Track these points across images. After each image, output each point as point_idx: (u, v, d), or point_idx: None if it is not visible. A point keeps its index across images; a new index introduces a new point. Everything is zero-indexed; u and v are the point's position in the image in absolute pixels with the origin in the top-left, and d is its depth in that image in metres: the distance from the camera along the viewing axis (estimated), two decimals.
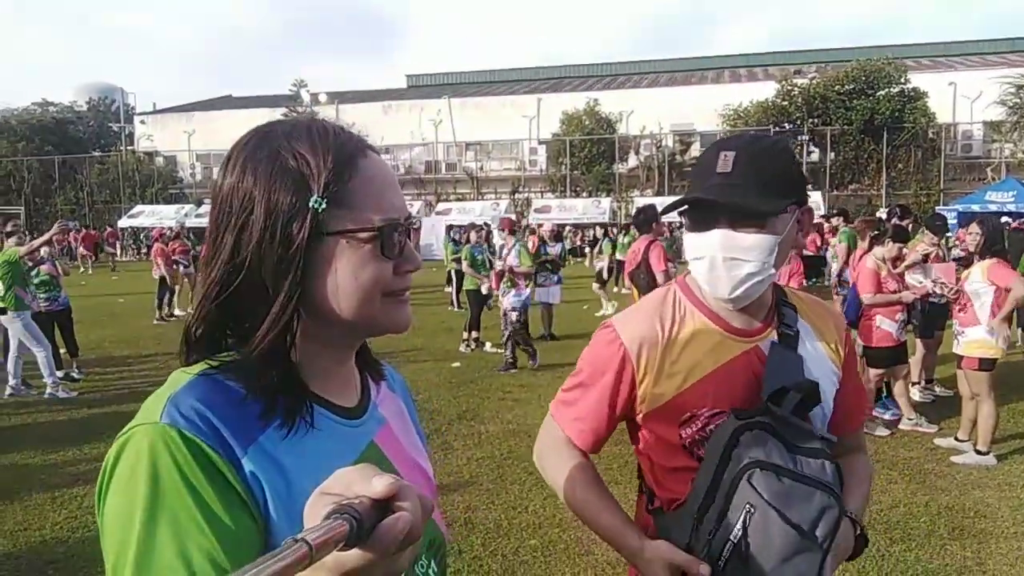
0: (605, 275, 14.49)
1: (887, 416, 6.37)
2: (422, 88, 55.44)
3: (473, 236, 11.34)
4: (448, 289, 14.71)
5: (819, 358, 1.42)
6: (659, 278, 6.18)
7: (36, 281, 8.38)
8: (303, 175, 0.82)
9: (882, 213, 15.38)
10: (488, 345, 10.09)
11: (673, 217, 1.52)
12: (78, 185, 41.46)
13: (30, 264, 8.22)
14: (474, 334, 10.16)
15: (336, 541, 0.51)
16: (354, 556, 0.54)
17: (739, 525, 1.20)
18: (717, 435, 1.28)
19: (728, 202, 1.28)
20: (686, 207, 1.35)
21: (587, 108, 39.34)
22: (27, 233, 8.73)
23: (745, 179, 1.27)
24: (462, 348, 9.94)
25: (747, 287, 1.31)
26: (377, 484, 0.55)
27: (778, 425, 1.26)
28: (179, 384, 0.79)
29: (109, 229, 33.68)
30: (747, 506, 1.20)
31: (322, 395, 0.88)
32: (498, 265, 9.43)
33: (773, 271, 1.32)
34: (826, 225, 13.29)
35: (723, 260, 1.30)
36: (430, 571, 0.94)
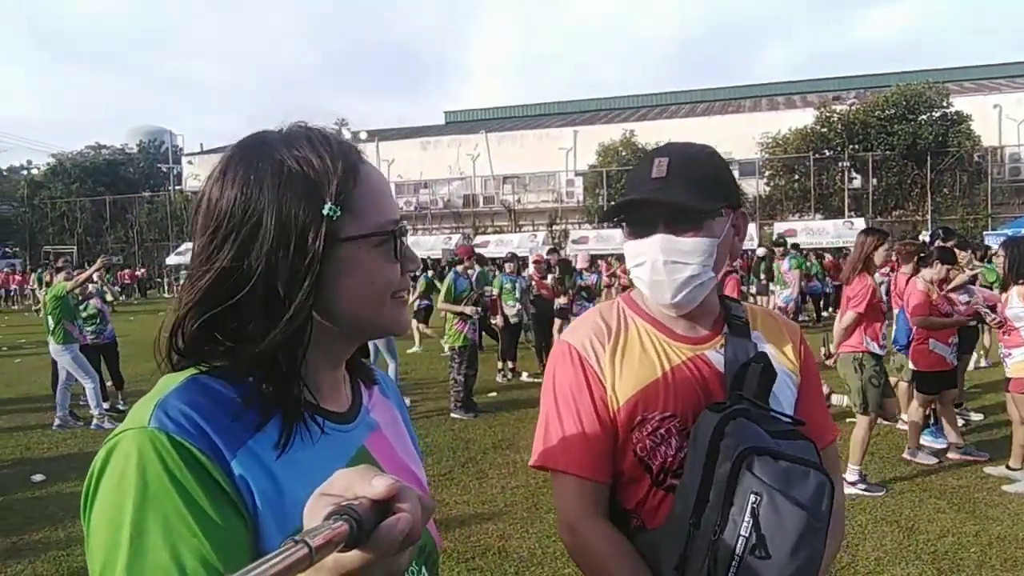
0: None
1: (937, 444, 6.17)
2: (460, 124, 56.23)
3: (507, 267, 11.41)
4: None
5: (776, 367, 1.37)
6: None
7: (84, 315, 8.64)
8: (313, 183, 0.82)
9: (925, 236, 15.07)
10: (525, 375, 10.07)
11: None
12: (128, 224, 42.76)
13: (79, 298, 8.50)
14: (509, 364, 10.16)
15: (336, 542, 0.51)
16: (354, 557, 0.54)
17: (747, 517, 1.15)
18: (698, 430, 1.25)
19: (665, 200, 1.29)
20: (624, 216, 1.37)
21: (623, 139, 39.47)
22: (75, 270, 9.06)
23: (679, 182, 1.29)
24: (498, 378, 9.94)
25: (689, 291, 1.32)
26: (377, 485, 0.55)
27: (754, 413, 1.24)
28: (168, 388, 0.79)
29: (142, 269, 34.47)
30: (752, 495, 1.16)
31: (315, 400, 0.87)
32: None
33: (713, 274, 1.34)
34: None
35: (664, 264, 1.31)
36: None
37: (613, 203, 1.40)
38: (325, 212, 0.81)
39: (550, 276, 10.58)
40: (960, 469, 5.74)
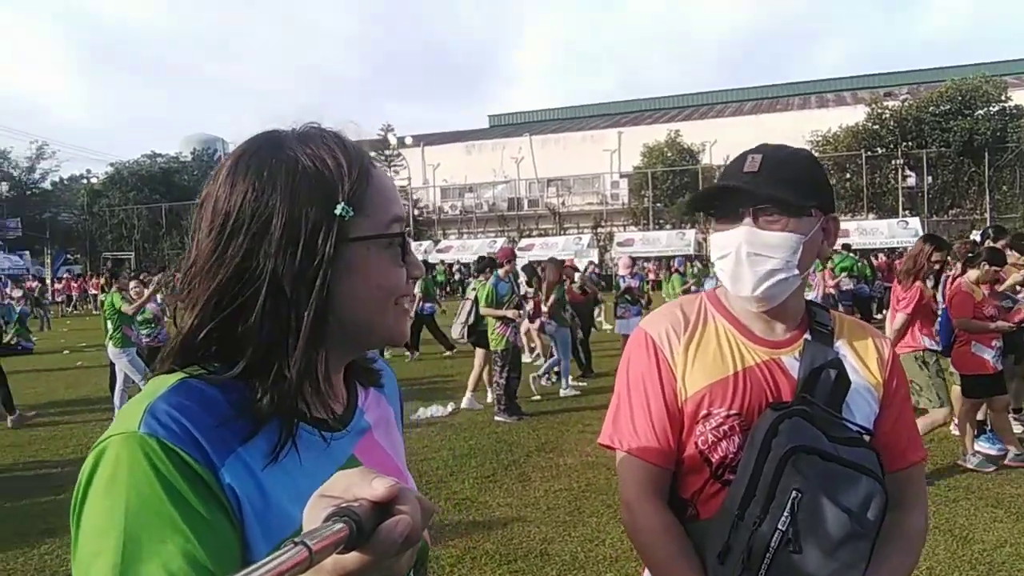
0: None
1: (993, 450, 5.98)
2: (504, 127, 56.41)
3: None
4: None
5: (856, 379, 1.38)
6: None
7: (140, 319, 8.93)
8: (327, 182, 0.81)
9: (976, 235, 14.61)
10: (570, 378, 10.04)
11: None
12: (183, 231, 43.93)
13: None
14: (555, 368, 10.14)
15: (336, 544, 0.51)
16: (354, 559, 0.54)
17: (786, 512, 1.18)
18: (756, 428, 1.28)
19: (754, 191, 1.30)
20: (712, 207, 1.40)
21: (669, 139, 39.11)
22: (132, 275, 9.46)
23: (770, 177, 1.30)
24: (543, 381, 9.93)
25: (770, 284, 1.32)
26: (378, 487, 0.55)
27: (815, 416, 1.26)
28: (158, 391, 0.77)
29: None
30: (794, 491, 1.18)
31: (312, 409, 0.85)
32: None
33: (797, 272, 1.33)
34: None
35: (747, 255, 1.31)
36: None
37: (699, 192, 1.43)
38: (338, 212, 0.80)
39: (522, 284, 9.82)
40: (1018, 477, 5.55)
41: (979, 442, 5.95)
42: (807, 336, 1.39)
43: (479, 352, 8.96)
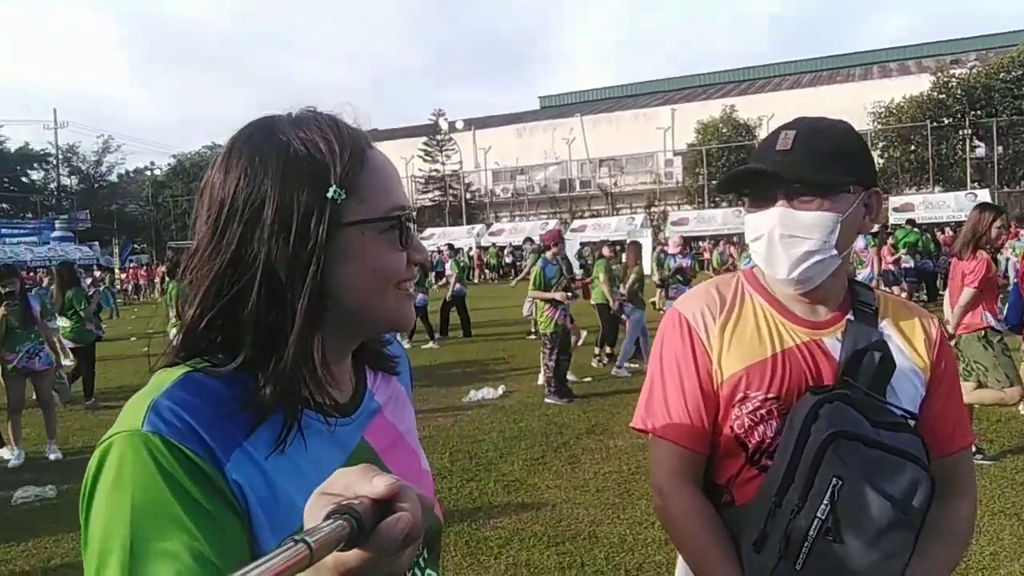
0: None
1: None
2: (555, 108, 56.07)
3: (606, 251, 11.33)
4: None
5: (901, 361, 1.31)
6: None
7: None
8: (318, 166, 0.80)
9: None
10: (627, 361, 9.99)
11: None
12: None
13: None
14: (607, 349, 10.10)
15: (336, 541, 0.51)
16: (354, 556, 0.54)
17: (826, 500, 1.14)
18: (795, 412, 1.24)
19: (784, 174, 1.24)
20: (745, 188, 1.34)
21: (724, 115, 38.30)
22: None
23: (804, 155, 1.24)
24: (594, 363, 9.90)
25: (806, 266, 1.26)
26: (378, 484, 0.55)
27: (857, 400, 1.21)
28: (161, 387, 0.76)
29: None
30: (834, 479, 1.14)
31: (316, 396, 0.83)
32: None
33: (835, 252, 1.26)
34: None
35: (780, 237, 1.26)
36: (421, 558, 0.93)
37: (727, 176, 1.34)
38: (329, 195, 0.79)
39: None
40: None
41: None
42: (850, 316, 1.34)
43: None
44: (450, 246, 18.48)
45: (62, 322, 9.27)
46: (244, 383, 0.79)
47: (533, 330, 12.81)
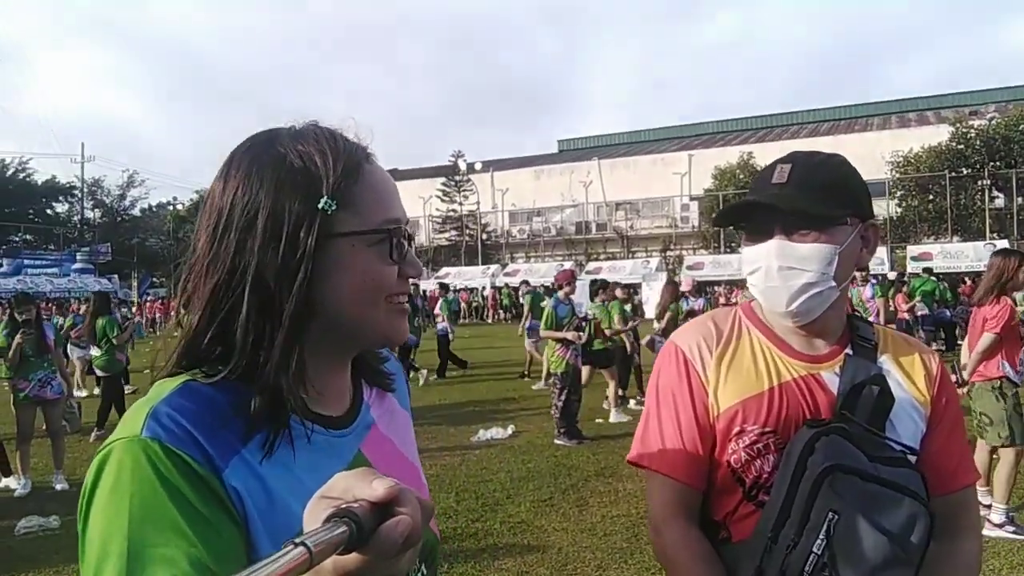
0: None
1: None
2: (573, 152, 56.61)
3: (619, 293, 11.31)
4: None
5: (900, 396, 1.29)
6: None
7: None
8: (311, 177, 0.81)
9: None
10: (632, 402, 9.89)
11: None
12: None
13: None
14: (619, 391, 10.00)
15: (335, 545, 0.51)
16: (353, 560, 0.53)
17: (822, 535, 1.11)
18: (792, 446, 1.21)
19: (782, 206, 1.23)
20: (742, 222, 1.33)
21: (741, 162, 38.49)
22: None
23: (800, 188, 1.24)
24: (605, 405, 9.80)
25: (805, 299, 1.25)
26: (377, 487, 0.55)
27: (854, 434, 1.19)
28: (161, 395, 0.77)
29: None
30: (830, 513, 1.12)
31: (313, 407, 0.84)
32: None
33: (834, 284, 1.25)
34: None
35: (778, 269, 1.24)
36: (419, 573, 0.93)
37: (726, 208, 1.36)
38: (320, 206, 0.80)
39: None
40: None
41: None
42: (848, 351, 1.32)
43: (606, 372, 9.29)
44: (442, 286, 18.56)
45: (94, 351, 9.35)
46: (240, 392, 0.79)
47: (526, 371, 12.86)
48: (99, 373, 9.57)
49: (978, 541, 1.36)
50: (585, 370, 9.38)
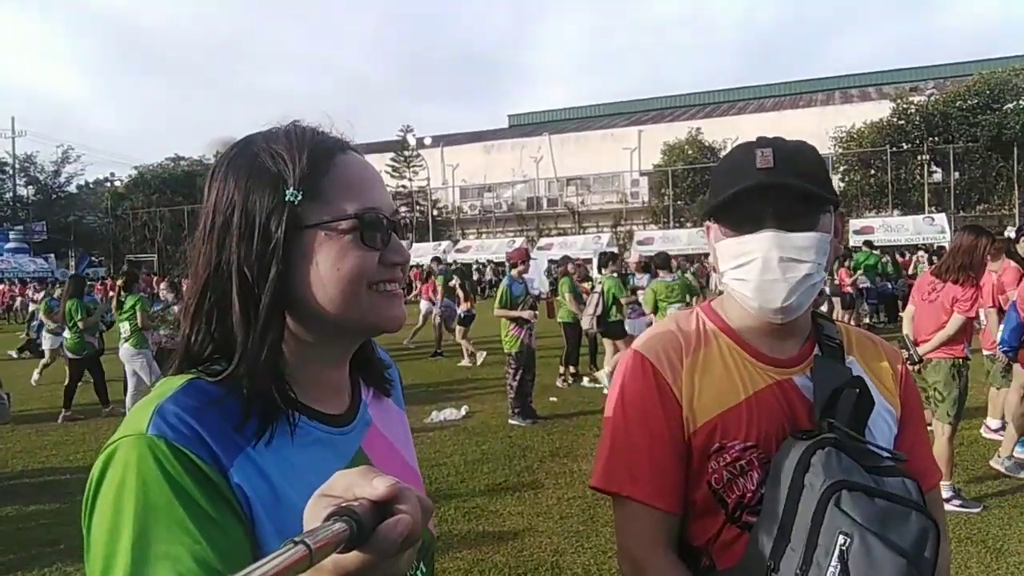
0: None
1: None
2: (523, 127, 56.33)
3: (570, 268, 11.28)
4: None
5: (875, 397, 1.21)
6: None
7: (170, 318, 9.01)
8: (279, 172, 0.83)
9: (1011, 232, 14.28)
10: (586, 380, 9.88)
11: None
12: None
13: (163, 303, 9.30)
14: (571, 368, 9.99)
15: (336, 543, 0.51)
16: (354, 558, 0.53)
17: (834, 560, 1.00)
18: (779, 462, 1.11)
19: (785, 188, 1.12)
20: (722, 212, 1.20)
21: (689, 137, 38.79)
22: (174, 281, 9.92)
23: (789, 171, 1.13)
24: (558, 383, 9.78)
25: (801, 292, 1.15)
26: (378, 486, 0.55)
27: (847, 445, 1.10)
28: (166, 393, 0.78)
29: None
30: (840, 536, 1.00)
31: (311, 404, 0.87)
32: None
33: (824, 276, 1.18)
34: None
35: (779, 261, 1.13)
36: (419, 572, 0.94)
37: (725, 197, 1.16)
38: (287, 198, 0.81)
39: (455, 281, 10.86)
40: None
41: (1017, 448, 5.68)
42: (817, 352, 1.23)
43: (607, 342, 9.53)
44: (436, 259, 18.24)
45: (67, 334, 9.34)
46: (242, 388, 0.80)
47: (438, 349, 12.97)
48: (69, 356, 9.42)
49: (948, 541, 1.30)
50: (608, 343, 9.57)
